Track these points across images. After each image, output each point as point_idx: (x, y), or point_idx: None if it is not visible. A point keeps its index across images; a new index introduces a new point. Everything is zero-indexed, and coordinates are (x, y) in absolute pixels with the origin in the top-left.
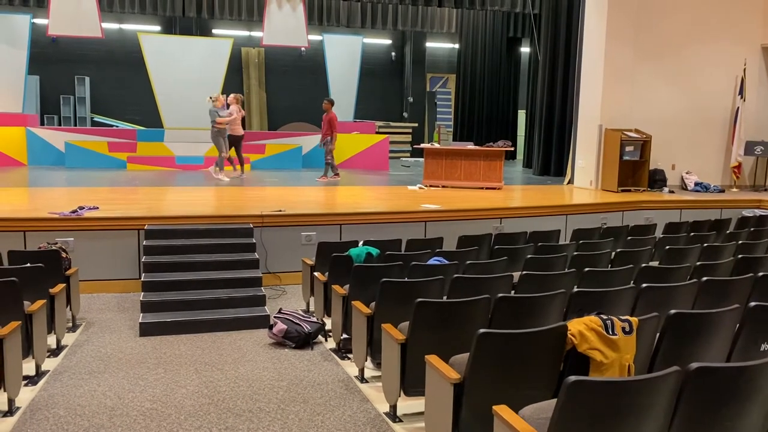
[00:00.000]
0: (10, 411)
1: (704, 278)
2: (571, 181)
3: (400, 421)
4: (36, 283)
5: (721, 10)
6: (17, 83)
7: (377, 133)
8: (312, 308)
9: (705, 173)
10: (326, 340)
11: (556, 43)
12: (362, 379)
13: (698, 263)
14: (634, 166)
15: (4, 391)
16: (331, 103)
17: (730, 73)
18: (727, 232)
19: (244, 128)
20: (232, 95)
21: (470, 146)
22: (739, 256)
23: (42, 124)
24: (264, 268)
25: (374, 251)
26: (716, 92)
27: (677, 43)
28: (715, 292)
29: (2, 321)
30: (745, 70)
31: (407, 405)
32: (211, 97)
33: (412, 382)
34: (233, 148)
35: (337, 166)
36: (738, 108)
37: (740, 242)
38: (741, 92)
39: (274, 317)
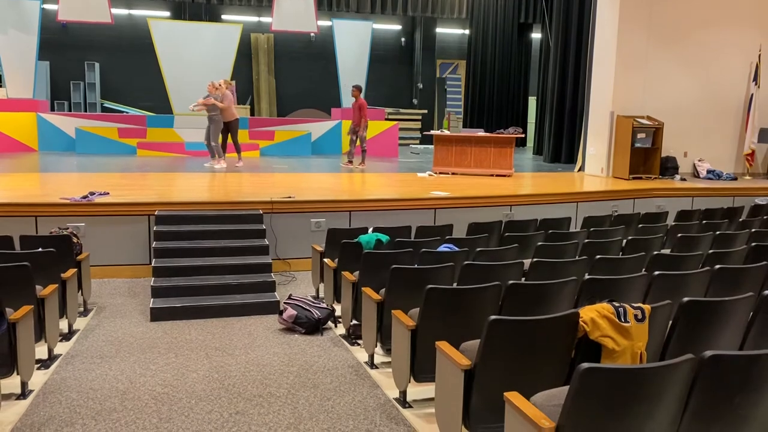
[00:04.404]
0: (23, 394)
1: (717, 266)
2: (581, 169)
3: (410, 406)
4: (48, 267)
5: None
6: (28, 69)
7: (387, 119)
8: (321, 294)
9: (717, 161)
10: (336, 326)
11: (568, 28)
12: (372, 364)
13: (710, 251)
14: (645, 153)
15: (17, 374)
16: (359, 89)
17: (745, 60)
18: (740, 220)
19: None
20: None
21: (480, 133)
22: (752, 244)
23: (52, 109)
24: (274, 254)
25: (384, 238)
26: (730, 79)
27: (691, 29)
28: (728, 280)
29: (15, 305)
30: (760, 56)
31: (417, 391)
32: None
33: (422, 368)
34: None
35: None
36: (752, 95)
37: (753, 230)
38: (755, 79)
39: (284, 303)
